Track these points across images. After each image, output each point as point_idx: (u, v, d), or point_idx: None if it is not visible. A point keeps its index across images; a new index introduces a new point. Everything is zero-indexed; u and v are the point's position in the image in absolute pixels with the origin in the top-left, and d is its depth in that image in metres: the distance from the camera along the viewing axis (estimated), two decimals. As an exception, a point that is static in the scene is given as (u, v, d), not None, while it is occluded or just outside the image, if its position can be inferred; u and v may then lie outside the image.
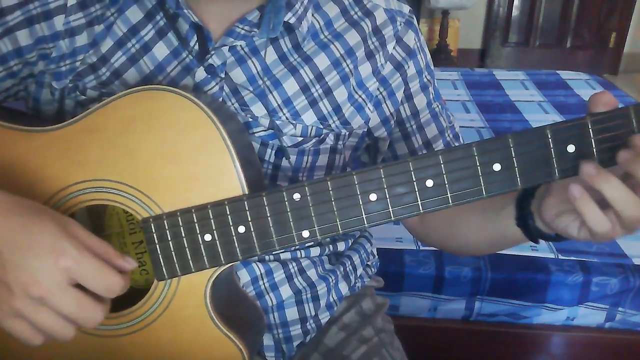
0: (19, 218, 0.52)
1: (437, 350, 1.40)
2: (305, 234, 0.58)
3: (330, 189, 0.57)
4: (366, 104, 0.74)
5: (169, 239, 0.60)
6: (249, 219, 0.58)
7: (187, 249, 0.60)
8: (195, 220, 0.59)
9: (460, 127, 0.83)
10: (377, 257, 0.91)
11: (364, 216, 0.57)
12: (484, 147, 0.54)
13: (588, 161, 0.51)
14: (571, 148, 0.52)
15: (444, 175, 0.55)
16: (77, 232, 0.53)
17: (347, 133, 0.74)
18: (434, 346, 1.39)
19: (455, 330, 1.40)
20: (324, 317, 0.80)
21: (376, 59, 0.73)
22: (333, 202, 0.57)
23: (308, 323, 0.79)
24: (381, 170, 0.56)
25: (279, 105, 0.70)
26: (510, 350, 1.40)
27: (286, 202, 0.57)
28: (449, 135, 0.79)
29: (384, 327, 0.85)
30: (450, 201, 0.56)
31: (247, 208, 0.58)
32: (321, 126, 0.72)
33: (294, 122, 0.71)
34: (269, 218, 0.58)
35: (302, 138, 0.72)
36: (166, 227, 0.60)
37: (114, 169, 0.60)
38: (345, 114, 0.73)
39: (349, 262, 0.82)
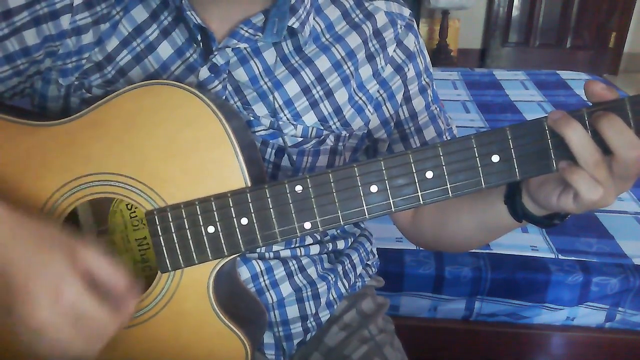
0: (26, 247, 0.52)
1: (437, 350, 1.40)
2: (307, 225, 0.59)
3: (331, 181, 0.57)
4: (366, 106, 0.75)
5: (173, 231, 0.61)
6: (252, 211, 0.59)
7: (190, 241, 0.60)
8: (199, 213, 0.60)
9: (460, 127, 0.84)
10: (377, 256, 0.92)
11: (365, 207, 0.58)
12: (482, 139, 0.55)
13: (555, 111, 0.52)
14: None
15: (444, 167, 0.56)
16: (87, 258, 0.53)
17: (347, 134, 0.75)
18: (434, 346, 1.39)
19: (455, 330, 1.40)
20: (324, 316, 0.81)
21: (376, 61, 0.74)
22: (334, 194, 0.58)
23: (308, 321, 0.79)
24: (381, 162, 0.57)
25: (280, 105, 0.71)
26: (510, 350, 1.41)
27: (288, 194, 0.58)
28: (446, 138, 0.80)
29: (385, 327, 0.86)
30: (449, 192, 0.56)
31: (249, 200, 0.59)
32: (322, 127, 0.73)
33: (294, 122, 0.71)
34: (271, 210, 0.59)
35: (302, 138, 0.72)
36: (170, 220, 0.60)
37: (118, 162, 0.61)
38: (345, 116, 0.73)
39: (348, 261, 0.83)
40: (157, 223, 0.61)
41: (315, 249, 0.78)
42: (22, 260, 0.52)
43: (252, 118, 0.70)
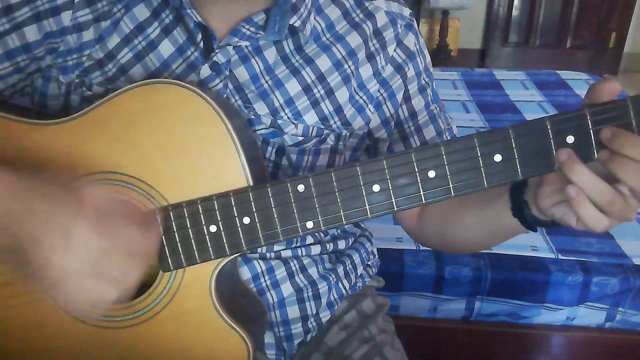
0: (26, 199, 0.52)
1: (437, 350, 1.40)
2: (309, 224, 0.59)
3: (333, 180, 0.58)
4: (367, 105, 0.75)
5: (175, 230, 0.61)
6: (254, 210, 0.59)
7: (192, 240, 0.61)
8: (201, 212, 0.60)
9: (460, 127, 0.84)
10: (377, 256, 0.92)
11: (367, 207, 0.58)
12: (485, 139, 0.55)
13: (563, 149, 0.53)
14: (570, 139, 0.53)
15: (446, 166, 0.56)
16: (92, 201, 0.53)
17: (348, 134, 0.75)
18: (434, 346, 1.39)
19: (455, 330, 1.40)
20: (325, 316, 0.81)
21: (377, 60, 0.74)
22: (337, 193, 0.58)
23: (309, 321, 0.79)
24: (384, 161, 0.57)
25: (281, 104, 0.71)
26: (510, 350, 1.41)
27: (290, 193, 0.58)
28: (446, 137, 0.80)
29: (385, 327, 0.86)
30: (452, 192, 0.56)
31: (251, 199, 0.59)
32: (322, 126, 0.73)
33: (295, 121, 0.71)
34: (274, 209, 0.59)
35: (303, 138, 0.72)
36: (172, 219, 0.60)
37: (120, 161, 0.61)
38: (346, 115, 0.73)
39: (349, 261, 0.83)
40: (159, 222, 0.61)
41: (316, 249, 0.78)
42: (24, 212, 0.51)
43: (252, 117, 0.70)
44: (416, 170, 0.56)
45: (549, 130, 0.53)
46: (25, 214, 0.51)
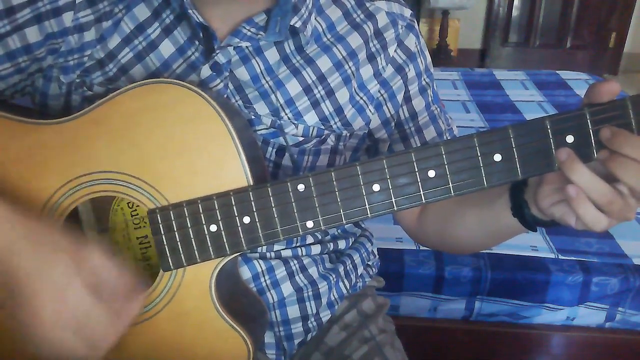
0: (29, 249, 0.52)
1: (437, 350, 1.40)
2: (310, 224, 0.59)
3: (334, 179, 0.58)
4: (367, 106, 0.75)
5: (175, 229, 0.61)
6: (254, 210, 0.59)
7: (192, 240, 0.61)
8: (201, 211, 0.60)
9: (460, 127, 0.84)
10: (377, 256, 0.92)
11: (367, 206, 0.58)
12: (484, 138, 0.55)
13: (562, 148, 0.53)
14: (570, 139, 0.53)
15: (446, 166, 0.56)
16: (91, 259, 0.53)
17: (348, 134, 0.75)
18: (434, 346, 1.39)
19: (455, 330, 1.40)
20: (325, 316, 0.81)
21: (377, 61, 0.74)
22: (337, 193, 0.58)
23: (309, 321, 0.79)
24: (384, 161, 0.57)
25: (281, 105, 0.71)
26: (510, 350, 1.41)
27: (290, 193, 0.58)
28: (447, 138, 0.80)
29: (385, 327, 0.86)
30: (452, 191, 0.56)
31: (252, 199, 0.59)
32: (323, 127, 0.73)
33: (296, 122, 0.71)
34: (274, 209, 0.59)
35: (303, 138, 0.72)
36: (172, 218, 0.60)
37: (120, 161, 0.61)
38: (346, 115, 0.73)
39: (350, 261, 0.83)
40: (159, 221, 0.61)
41: (316, 249, 0.78)
42: (25, 262, 0.52)
43: (253, 117, 0.70)
44: (416, 169, 0.56)
45: (549, 130, 0.53)
46: (24, 263, 0.52)
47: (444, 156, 0.56)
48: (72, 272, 0.52)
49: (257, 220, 0.59)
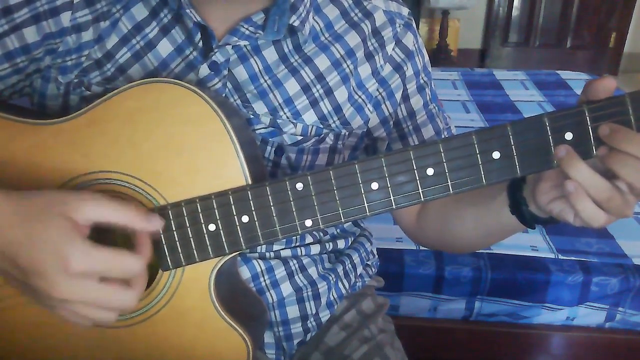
0: (21, 228, 0.52)
1: (437, 350, 1.40)
2: (308, 222, 0.59)
3: (332, 178, 0.57)
4: (366, 105, 0.75)
5: (174, 229, 0.60)
6: (253, 209, 0.59)
7: (191, 239, 0.60)
8: (200, 210, 0.60)
9: (460, 127, 0.84)
10: (377, 256, 0.92)
11: (365, 205, 0.58)
12: (483, 136, 0.55)
13: (561, 145, 0.53)
14: (569, 136, 0.53)
15: (444, 164, 0.56)
16: (85, 211, 0.53)
17: (347, 133, 0.75)
18: (434, 346, 1.39)
19: (455, 330, 1.40)
20: (325, 316, 0.81)
21: (375, 60, 0.74)
22: (335, 192, 0.58)
23: (309, 321, 0.79)
24: (382, 159, 0.56)
25: (280, 104, 0.71)
26: (510, 350, 1.41)
27: (289, 192, 0.58)
28: (445, 137, 0.79)
29: (385, 327, 0.86)
30: (450, 189, 0.56)
31: (250, 198, 0.59)
32: (321, 126, 0.72)
33: (294, 121, 0.71)
34: (272, 207, 0.59)
35: (302, 137, 0.72)
36: (171, 217, 0.60)
37: (119, 160, 0.61)
38: (345, 114, 0.73)
39: (349, 261, 0.83)
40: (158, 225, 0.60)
41: (315, 249, 0.78)
42: (19, 237, 0.52)
43: (251, 116, 0.70)
44: (414, 167, 0.56)
45: (547, 127, 0.53)
46: (22, 238, 0.52)
47: (443, 154, 0.55)
48: (67, 230, 0.52)
49: (255, 219, 0.59)
